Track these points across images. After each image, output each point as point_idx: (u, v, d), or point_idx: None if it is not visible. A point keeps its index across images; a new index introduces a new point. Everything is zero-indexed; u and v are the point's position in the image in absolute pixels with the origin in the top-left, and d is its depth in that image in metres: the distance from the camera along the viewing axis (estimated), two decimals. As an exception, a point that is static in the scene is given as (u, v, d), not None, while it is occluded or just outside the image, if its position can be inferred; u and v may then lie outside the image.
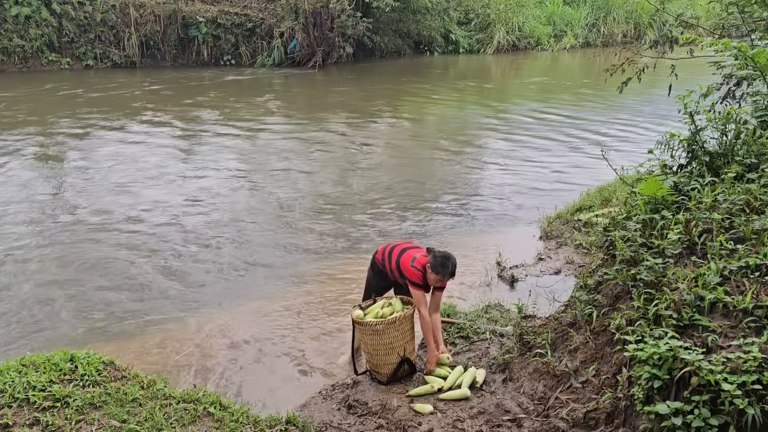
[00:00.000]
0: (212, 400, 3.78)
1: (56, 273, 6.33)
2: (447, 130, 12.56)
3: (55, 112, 13.07)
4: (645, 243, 3.72)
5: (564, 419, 3.53)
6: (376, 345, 4.29)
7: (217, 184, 9.02)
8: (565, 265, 6.31)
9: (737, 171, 3.88)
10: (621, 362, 3.33)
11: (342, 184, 9.20)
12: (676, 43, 7.05)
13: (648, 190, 3.98)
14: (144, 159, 10.09)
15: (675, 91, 5.16)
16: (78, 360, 3.81)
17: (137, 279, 6.24)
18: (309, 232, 7.39)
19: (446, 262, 4.27)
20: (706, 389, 2.66)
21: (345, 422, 3.98)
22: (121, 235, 7.20)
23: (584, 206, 7.51)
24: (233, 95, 15.36)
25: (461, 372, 4.32)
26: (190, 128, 12.24)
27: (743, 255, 3.21)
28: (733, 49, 4.35)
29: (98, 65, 18.03)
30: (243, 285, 6.19)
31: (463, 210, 8.17)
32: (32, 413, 3.36)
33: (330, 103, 14.91)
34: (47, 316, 5.55)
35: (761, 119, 4.39)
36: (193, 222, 7.60)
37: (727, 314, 3.00)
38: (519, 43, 23.11)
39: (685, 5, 21.52)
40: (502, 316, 5.20)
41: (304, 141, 11.54)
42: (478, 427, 3.80)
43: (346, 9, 18.48)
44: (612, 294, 3.85)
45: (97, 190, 8.63)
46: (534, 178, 9.41)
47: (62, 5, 17.35)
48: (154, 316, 5.57)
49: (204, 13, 18.68)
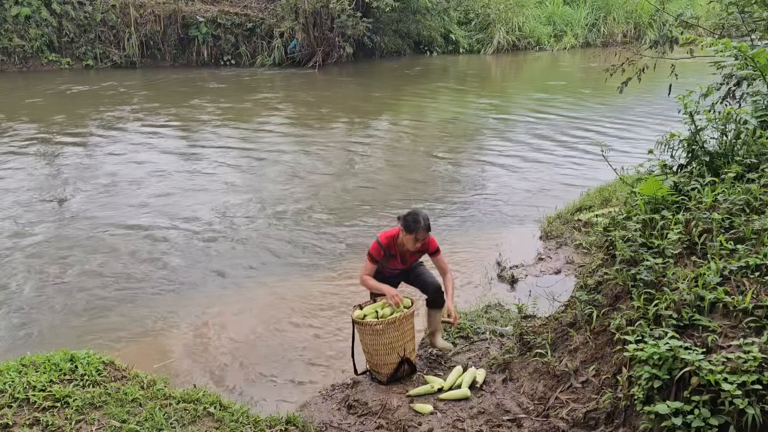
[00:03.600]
0: (212, 400, 3.78)
1: (56, 273, 6.33)
2: (447, 130, 12.56)
3: (54, 112, 13.06)
4: (645, 243, 3.72)
5: (564, 419, 3.53)
6: (376, 345, 4.29)
7: (217, 183, 9.02)
8: (565, 265, 6.31)
9: (737, 171, 3.88)
10: (621, 362, 3.33)
11: (341, 183, 9.20)
12: (676, 43, 7.05)
13: (648, 190, 3.98)
14: (144, 159, 10.08)
15: (675, 91, 5.16)
16: (78, 360, 3.81)
17: (136, 279, 6.24)
18: (307, 231, 7.39)
19: (416, 217, 4.24)
20: (706, 389, 2.66)
21: (345, 422, 3.98)
22: (121, 235, 7.20)
23: (584, 206, 7.51)
24: (233, 95, 15.35)
25: (460, 372, 4.32)
26: (190, 128, 12.24)
27: (743, 255, 3.20)
28: (733, 49, 4.35)
29: (98, 65, 18.03)
30: (242, 285, 6.19)
31: (463, 210, 8.17)
32: (32, 413, 3.35)
33: (330, 103, 14.91)
34: (47, 316, 5.56)
35: (761, 119, 4.38)
36: (191, 221, 7.60)
37: (727, 314, 3.00)
38: (519, 43, 23.10)
39: (685, 5, 21.54)
40: (502, 316, 5.20)
41: (303, 141, 11.54)
42: (478, 427, 3.79)
43: (346, 9, 18.47)
44: (612, 294, 3.85)
45: (96, 190, 8.62)
46: (534, 178, 9.41)
47: (62, 5, 17.34)
48: (153, 316, 5.56)
49: (204, 13, 18.68)
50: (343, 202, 8.40)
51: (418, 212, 4.29)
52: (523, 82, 19.25)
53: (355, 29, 18.84)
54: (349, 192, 8.83)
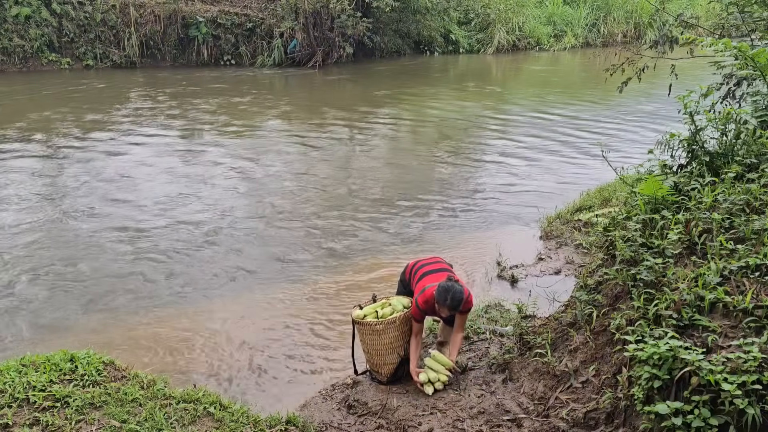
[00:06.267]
0: (212, 400, 3.78)
1: (56, 273, 6.33)
2: (447, 130, 12.57)
3: (54, 112, 13.05)
4: (645, 243, 3.72)
5: (564, 419, 3.53)
6: (376, 345, 4.29)
7: (217, 183, 9.01)
8: (565, 265, 6.31)
9: (737, 171, 3.88)
10: (621, 362, 3.33)
11: (341, 184, 9.20)
12: (676, 43, 7.04)
13: (648, 190, 3.98)
14: (143, 159, 10.07)
15: (675, 91, 5.16)
16: (78, 360, 3.81)
17: (135, 278, 6.24)
18: (307, 232, 7.39)
19: (446, 295, 4.11)
20: (706, 389, 2.66)
21: (345, 422, 3.99)
22: (120, 235, 7.20)
23: (584, 206, 7.51)
24: (233, 95, 15.35)
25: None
26: (190, 128, 12.24)
27: (743, 255, 3.21)
28: (733, 49, 4.35)
29: (98, 65, 18.02)
30: (242, 285, 6.19)
31: (463, 210, 8.17)
32: (32, 413, 3.35)
33: (330, 103, 14.90)
34: (47, 316, 5.56)
35: (761, 119, 4.39)
36: (191, 221, 7.60)
37: (727, 314, 3.00)
38: (519, 43, 23.10)
39: (685, 5, 21.54)
40: (502, 316, 5.20)
41: (303, 141, 11.54)
42: (478, 427, 3.80)
43: (346, 9, 18.47)
44: (612, 294, 3.85)
45: (96, 190, 8.62)
46: (534, 177, 9.41)
47: (62, 5, 17.32)
48: (152, 316, 5.57)
49: (204, 13, 18.67)
50: (344, 202, 8.39)
51: (449, 290, 4.11)
52: (523, 82, 19.25)
53: (355, 29, 18.84)
54: (350, 192, 8.83)
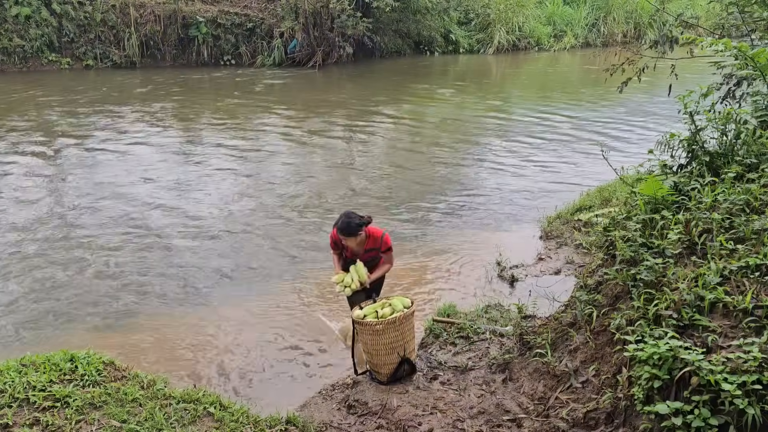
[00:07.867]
0: (212, 400, 3.78)
1: (55, 273, 6.33)
2: (447, 130, 12.57)
3: (54, 112, 13.06)
4: (645, 243, 3.71)
5: (564, 419, 3.53)
6: (376, 345, 4.29)
7: (216, 184, 9.02)
8: (565, 265, 6.31)
9: (737, 171, 3.88)
10: (621, 362, 3.33)
11: (341, 184, 9.20)
12: (676, 43, 7.03)
13: (648, 190, 3.97)
14: (143, 158, 10.08)
15: (675, 91, 5.16)
16: (78, 360, 3.81)
17: (134, 279, 6.24)
18: (307, 232, 7.39)
19: (338, 219, 4.54)
20: (706, 389, 2.66)
21: (345, 422, 3.98)
22: (120, 235, 7.20)
23: (584, 206, 7.51)
24: (233, 95, 15.35)
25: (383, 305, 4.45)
26: (189, 128, 12.25)
27: (743, 255, 3.20)
28: (733, 49, 4.34)
29: (98, 65, 18.03)
30: (242, 285, 6.19)
31: (463, 210, 8.17)
32: (32, 413, 3.36)
33: (330, 103, 14.91)
34: (47, 316, 5.56)
35: (761, 119, 4.38)
36: (190, 222, 7.60)
37: (727, 314, 3.00)
38: (519, 43, 23.10)
39: (685, 5, 21.51)
40: (502, 316, 5.20)
41: (303, 141, 11.54)
42: (478, 427, 3.80)
43: (346, 9, 18.48)
44: (612, 294, 3.84)
45: (95, 190, 8.62)
46: (534, 178, 9.41)
47: (62, 5, 17.33)
48: (152, 317, 5.57)
49: (204, 13, 18.68)
50: (344, 202, 8.39)
51: (344, 214, 4.55)
52: (523, 82, 19.24)
53: (355, 29, 18.84)
54: (350, 192, 8.83)
